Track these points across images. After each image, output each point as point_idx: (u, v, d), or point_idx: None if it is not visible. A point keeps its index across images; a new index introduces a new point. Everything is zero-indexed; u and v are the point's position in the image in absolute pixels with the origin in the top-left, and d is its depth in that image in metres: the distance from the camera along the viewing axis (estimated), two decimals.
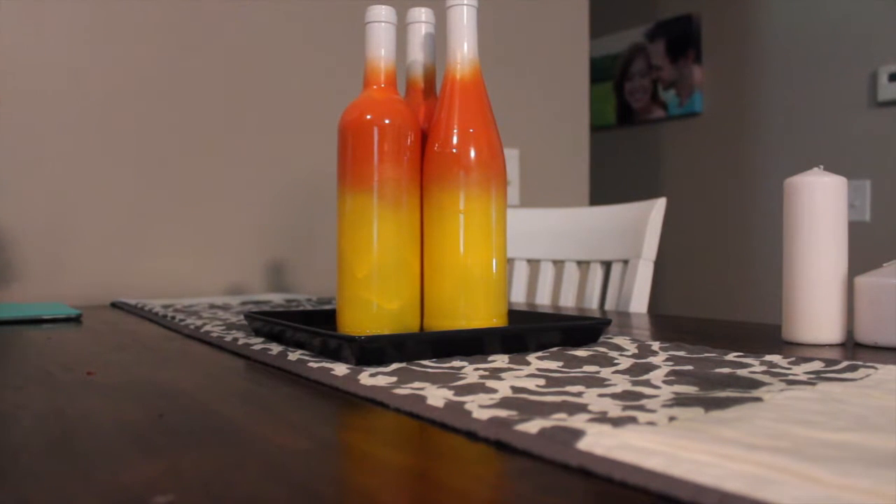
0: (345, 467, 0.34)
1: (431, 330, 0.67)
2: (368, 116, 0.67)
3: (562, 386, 0.48)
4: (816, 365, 0.54)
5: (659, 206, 1.26)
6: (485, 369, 0.54)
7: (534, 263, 1.53)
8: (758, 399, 0.42)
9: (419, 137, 0.69)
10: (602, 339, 0.70)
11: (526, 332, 0.64)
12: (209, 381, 0.55)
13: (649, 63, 2.72)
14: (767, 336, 0.75)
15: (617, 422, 0.37)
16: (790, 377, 0.50)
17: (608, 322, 0.69)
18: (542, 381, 0.49)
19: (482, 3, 1.79)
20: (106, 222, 1.37)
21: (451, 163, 0.66)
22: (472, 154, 0.67)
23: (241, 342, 0.70)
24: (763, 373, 0.52)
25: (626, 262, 1.29)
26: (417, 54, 0.74)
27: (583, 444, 0.33)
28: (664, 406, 0.41)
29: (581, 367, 0.55)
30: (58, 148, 1.33)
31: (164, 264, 1.42)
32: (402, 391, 0.46)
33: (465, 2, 0.69)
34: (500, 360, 0.58)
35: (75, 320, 0.98)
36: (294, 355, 0.61)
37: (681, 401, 0.42)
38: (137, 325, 0.94)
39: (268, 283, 1.53)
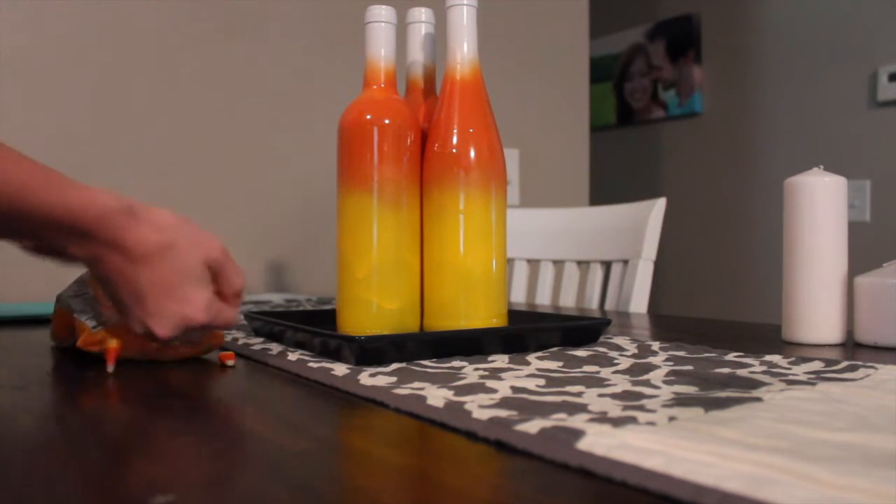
0: (345, 467, 0.34)
1: (431, 330, 0.67)
2: (368, 116, 0.67)
3: (562, 386, 0.48)
4: (816, 365, 0.54)
5: (659, 206, 1.26)
6: (485, 369, 0.54)
7: (534, 263, 1.53)
8: (758, 399, 0.42)
9: (419, 137, 0.69)
10: (602, 339, 0.70)
11: (526, 332, 0.64)
12: (209, 381, 0.55)
13: (649, 63, 2.72)
14: (767, 336, 0.75)
15: (617, 422, 0.37)
16: (790, 377, 0.50)
17: (608, 322, 0.69)
18: (542, 381, 0.49)
19: (482, 3, 1.79)
20: None
21: (451, 163, 0.66)
22: (472, 154, 0.67)
23: (241, 342, 0.70)
24: (763, 373, 0.52)
25: (626, 262, 1.29)
26: (417, 54, 0.74)
27: (583, 444, 0.33)
28: (664, 406, 0.41)
29: (581, 367, 0.55)
30: (57, 147, 1.33)
31: None
32: (402, 391, 0.46)
33: (465, 2, 0.69)
34: (500, 360, 0.58)
35: None
36: (294, 355, 0.61)
37: (681, 401, 0.42)
38: None
39: (268, 283, 1.53)
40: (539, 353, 0.61)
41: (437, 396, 0.44)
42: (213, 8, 1.47)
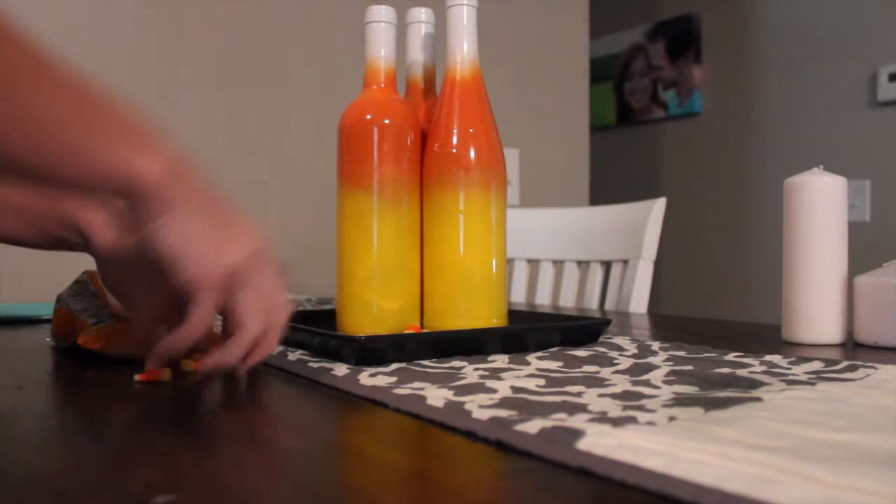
0: (345, 467, 0.34)
1: (431, 330, 0.67)
2: (368, 116, 0.67)
3: (562, 386, 0.48)
4: (816, 365, 0.54)
5: (659, 206, 1.26)
6: (485, 369, 0.54)
7: (534, 263, 1.53)
8: (758, 399, 0.42)
9: (419, 137, 0.69)
10: (602, 339, 0.70)
11: (526, 332, 0.64)
12: (209, 381, 0.55)
13: (649, 63, 2.72)
14: (767, 336, 0.75)
15: (617, 422, 0.37)
16: (790, 377, 0.50)
17: (608, 322, 0.69)
18: (542, 381, 0.49)
19: (482, 3, 1.79)
20: None
21: (451, 163, 0.66)
22: (472, 154, 0.66)
23: None
24: (763, 373, 0.52)
25: (626, 262, 1.29)
26: (417, 54, 0.74)
27: (583, 444, 0.33)
28: (664, 406, 0.41)
29: (581, 367, 0.55)
30: None
31: None
32: (402, 391, 0.46)
33: (465, 2, 0.69)
34: (500, 360, 0.58)
35: None
36: (294, 355, 0.61)
37: (681, 401, 0.42)
38: None
39: None
40: (539, 353, 0.61)
41: (437, 396, 0.44)
42: (212, 8, 1.47)
